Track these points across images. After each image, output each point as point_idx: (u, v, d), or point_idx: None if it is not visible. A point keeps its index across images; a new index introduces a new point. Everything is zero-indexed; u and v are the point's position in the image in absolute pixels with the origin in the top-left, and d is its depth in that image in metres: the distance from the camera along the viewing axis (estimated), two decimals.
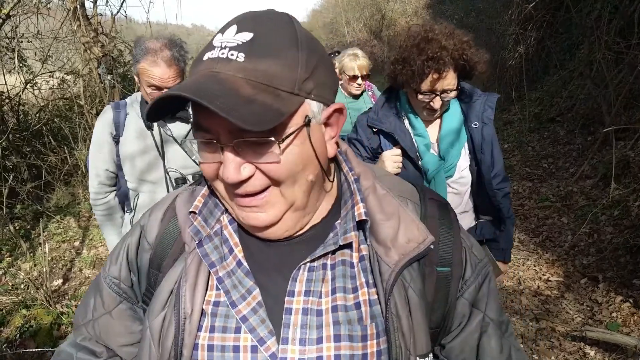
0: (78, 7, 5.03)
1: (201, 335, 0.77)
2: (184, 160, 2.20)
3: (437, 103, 1.77)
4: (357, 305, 0.77)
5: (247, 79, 0.66)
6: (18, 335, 3.40)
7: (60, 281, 4.35)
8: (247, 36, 0.68)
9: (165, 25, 7.66)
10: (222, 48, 0.68)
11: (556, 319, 3.30)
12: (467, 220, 2.05)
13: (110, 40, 6.05)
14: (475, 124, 1.87)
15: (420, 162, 1.89)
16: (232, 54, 0.67)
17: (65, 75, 6.34)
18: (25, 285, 4.11)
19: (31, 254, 4.76)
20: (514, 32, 7.93)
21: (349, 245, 0.79)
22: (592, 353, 2.91)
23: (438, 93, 1.75)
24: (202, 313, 0.79)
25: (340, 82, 3.76)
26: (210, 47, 0.70)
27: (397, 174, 1.87)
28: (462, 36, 1.73)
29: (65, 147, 6.17)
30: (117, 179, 2.27)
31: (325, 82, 0.73)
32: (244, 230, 0.82)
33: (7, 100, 5.79)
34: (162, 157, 2.16)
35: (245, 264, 0.81)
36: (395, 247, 0.77)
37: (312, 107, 0.71)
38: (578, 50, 6.89)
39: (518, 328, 3.24)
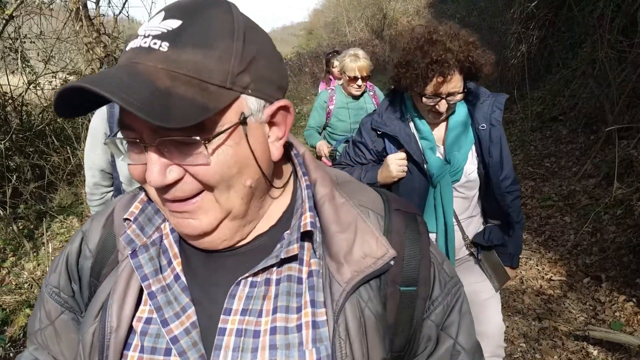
0: (80, 7, 5.05)
1: (129, 355, 0.70)
2: None
3: (442, 106, 1.72)
4: (299, 328, 0.68)
5: (169, 70, 0.58)
6: (22, 335, 3.41)
7: None
8: (174, 23, 0.60)
9: None
10: (145, 37, 0.61)
11: (559, 318, 3.30)
12: (474, 224, 1.99)
13: (113, 40, 6.07)
14: (483, 126, 1.80)
15: (425, 166, 1.84)
16: (154, 43, 0.59)
17: (68, 76, 6.36)
18: (29, 285, 4.12)
19: (34, 254, 4.77)
20: (516, 30, 7.91)
21: (296, 259, 0.71)
22: (595, 352, 2.91)
23: (443, 96, 1.70)
24: (132, 330, 0.71)
25: (340, 82, 3.76)
26: (135, 36, 0.63)
27: (402, 178, 1.85)
28: (467, 37, 1.68)
29: (68, 147, 6.20)
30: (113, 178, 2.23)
31: (266, 76, 0.65)
32: (185, 240, 0.74)
33: (10, 101, 5.81)
34: None
35: (182, 278, 0.73)
36: (348, 263, 0.69)
37: (249, 103, 0.64)
38: (580, 49, 6.87)
39: (521, 327, 3.24)
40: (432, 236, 1.92)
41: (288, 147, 0.81)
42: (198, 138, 0.59)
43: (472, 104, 1.85)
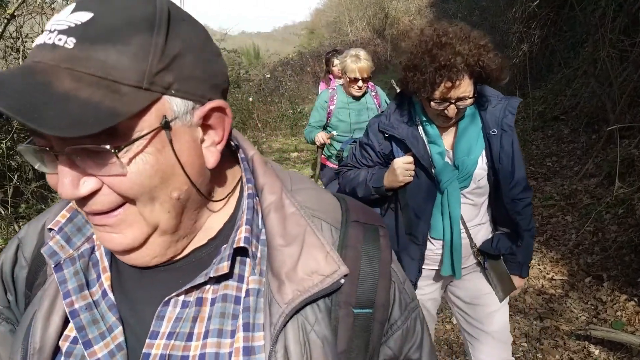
0: None
1: None
2: None
3: (451, 111, 1.65)
4: (230, 355, 0.61)
5: (74, 70, 0.51)
6: None
7: None
8: (84, 16, 0.53)
9: None
10: (50, 32, 0.53)
11: (560, 317, 3.29)
12: (483, 232, 1.92)
13: None
14: (494, 131, 1.73)
15: (433, 172, 1.77)
16: (59, 39, 0.52)
17: None
18: None
19: None
20: (518, 30, 7.90)
21: (232, 276, 0.64)
22: (597, 352, 2.90)
23: (452, 101, 1.62)
24: (59, 350, 0.64)
25: (341, 82, 3.75)
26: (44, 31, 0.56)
27: (408, 183, 1.79)
28: (478, 40, 1.59)
29: None
30: None
31: (194, 75, 0.58)
32: None
33: None
34: None
35: (110, 294, 0.65)
36: (290, 281, 0.62)
37: (173, 105, 0.56)
38: (582, 49, 6.86)
39: (522, 327, 3.24)
40: (439, 243, 1.88)
41: (236, 150, 0.74)
42: (108, 147, 0.52)
43: (484, 107, 1.77)
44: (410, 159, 1.76)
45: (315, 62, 15.16)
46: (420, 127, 1.80)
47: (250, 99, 10.00)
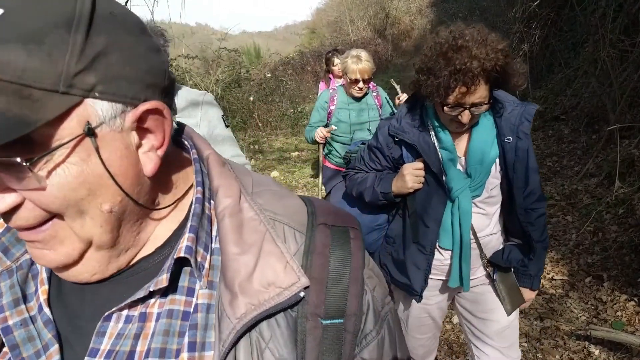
0: None
1: None
2: None
3: (465, 117, 1.57)
4: None
5: None
6: None
7: None
8: None
9: (170, 24, 7.68)
10: None
11: (560, 317, 3.30)
12: (494, 243, 1.84)
13: None
14: (509, 139, 1.65)
15: (444, 179, 1.69)
16: None
17: None
18: None
19: None
20: (518, 30, 7.89)
21: (183, 289, 0.59)
22: (597, 352, 2.91)
23: (467, 107, 1.55)
24: None
25: (341, 83, 3.73)
26: None
27: (417, 190, 1.73)
28: (496, 43, 1.50)
29: None
30: None
31: (123, 74, 0.51)
32: None
33: None
34: None
35: (45, 309, 0.60)
36: (244, 294, 0.56)
37: (98, 109, 0.50)
38: (582, 49, 6.86)
39: (522, 327, 3.24)
40: (447, 254, 1.82)
41: (188, 150, 0.68)
42: (18, 159, 0.47)
43: (499, 113, 1.69)
44: (420, 164, 1.70)
45: (316, 61, 15.16)
46: (432, 132, 1.72)
47: (251, 99, 10.00)
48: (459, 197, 1.68)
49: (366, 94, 3.56)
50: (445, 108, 1.58)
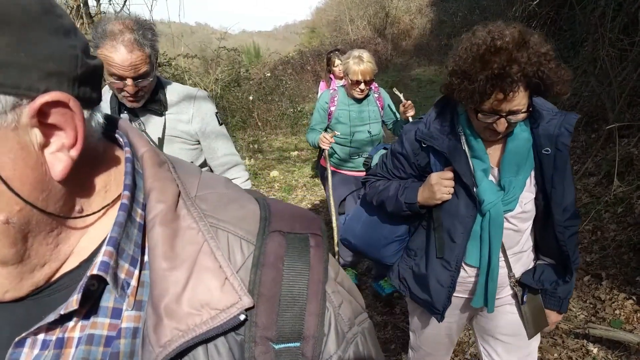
0: (81, 5, 5.06)
1: None
2: None
3: (501, 125, 1.43)
4: None
5: None
6: None
7: None
8: None
9: (169, 23, 7.69)
10: None
11: None
12: (523, 261, 1.71)
13: None
14: (547, 150, 1.50)
15: (475, 190, 1.55)
16: None
17: None
18: None
19: None
20: None
21: (107, 311, 0.51)
22: (595, 350, 2.91)
23: (503, 114, 1.41)
24: None
25: (343, 84, 3.62)
26: None
27: (445, 202, 1.60)
28: (539, 46, 1.36)
29: None
30: None
31: (12, 61, 0.43)
32: None
33: None
34: None
35: None
36: (171, 317, 0.49)
37: None
38: (582, 48, 6.86)
39: None
40: (473, 271, 1.69)
41: (122, 148, 0.60)
42: None
43: (536, 122, 1.54)
44: (449, 174, 1.56)
45: (315, 61, 15.16)
46: (463, 140, 1.57)
47: (251, 98, 10.00)
48: (490, 211, 1.54)
49: (368, 95, 3.51)
50: (479, 115, 1.44)
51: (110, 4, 5.85)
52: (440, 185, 1.56)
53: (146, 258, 0.53)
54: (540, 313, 1.74)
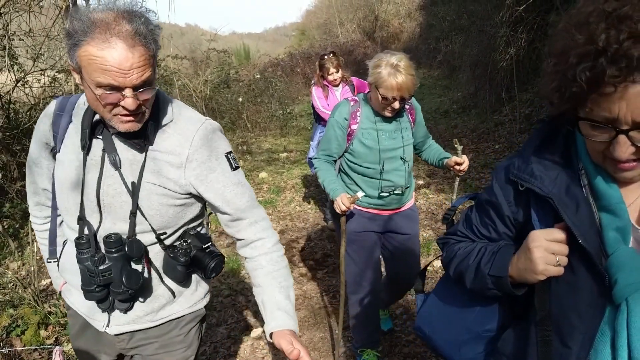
0: (70, 5, 5.01)
1: None
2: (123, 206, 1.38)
3: (623, 149, 0.84)
4: None
5: None
6: (5, 335, 3.39)
7: (48, 280, 4.33)
8: None
9: (159, 24, 7.64)
10: None
11: None
12: None
13: None
14: None
15: (604, 263, 0.92)
16: None
17: (56, 74, 6.32)
18: (13, 285, 4.08)
19: (19, 253, 4.74)
20: (505, 34, 7.98)
21: None
22: None
23: (624, 127, 0.82)
24: None
25: (367, 92, 2.56)
26: None
27: (553, 278, 0.99)
28: None
29: None
30: None
31: None
32: None
33: None
34: (97, 190, 1.37)
35: None
36: None
37: None
38: None
39: None
40: None
41: None
42: None
43: None
44: (560, 234, 0.97)
45: (305, 63, 15.20)
46: (584, 181, 0.98)
47: (240, 99, 9.99)
48: (629, 300, 0.89)
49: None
50: (585, 128, 0.89)
51: (99, 5, 5.82)
52: (544, 251, 0.97)
53: None
54: None
